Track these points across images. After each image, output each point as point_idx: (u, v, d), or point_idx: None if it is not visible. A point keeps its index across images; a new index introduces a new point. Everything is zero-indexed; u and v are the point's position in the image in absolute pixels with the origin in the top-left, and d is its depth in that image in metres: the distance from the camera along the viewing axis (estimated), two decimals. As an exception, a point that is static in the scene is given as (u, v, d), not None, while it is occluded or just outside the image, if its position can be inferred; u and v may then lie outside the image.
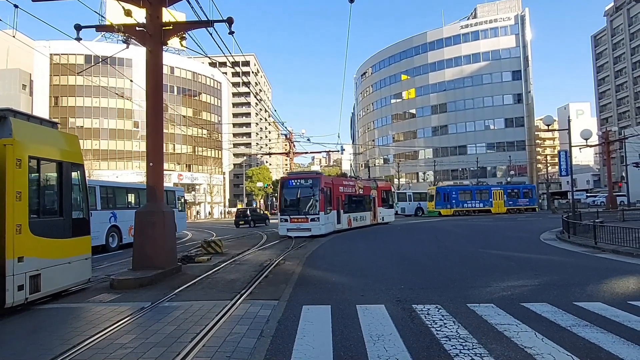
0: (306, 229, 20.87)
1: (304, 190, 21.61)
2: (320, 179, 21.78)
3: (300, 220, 21.12)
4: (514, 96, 68.59)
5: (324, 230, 21.18)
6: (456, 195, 44.15)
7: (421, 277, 9.68)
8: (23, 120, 7.53)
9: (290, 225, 21.21)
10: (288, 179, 22.80)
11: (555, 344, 4.82)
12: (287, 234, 21.13)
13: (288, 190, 22.14)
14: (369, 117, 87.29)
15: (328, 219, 21.87)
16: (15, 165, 6.90)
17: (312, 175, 23.22)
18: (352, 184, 26.73)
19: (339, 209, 23.68)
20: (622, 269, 10.06)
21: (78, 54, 61.93)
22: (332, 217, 22.67)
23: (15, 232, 6.82)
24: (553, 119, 22.33)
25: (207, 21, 10.99)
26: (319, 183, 21.41)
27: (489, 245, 16.22)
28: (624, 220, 21.77)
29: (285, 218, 21.58)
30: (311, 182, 21.64)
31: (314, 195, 21.34)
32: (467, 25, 72.31)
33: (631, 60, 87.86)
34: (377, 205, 29.94)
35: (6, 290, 6.62)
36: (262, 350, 4.84)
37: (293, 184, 22.03)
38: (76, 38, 11.05)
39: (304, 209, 21.40)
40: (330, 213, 22.34)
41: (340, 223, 23.80)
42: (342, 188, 24.68)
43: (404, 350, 4.72)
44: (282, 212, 21.93)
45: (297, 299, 7.45)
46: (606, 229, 14.81)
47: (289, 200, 22.12)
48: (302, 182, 21.84)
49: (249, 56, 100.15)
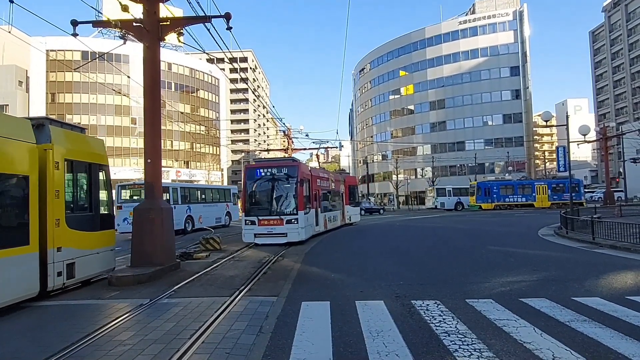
0: (280, 234, 16.05)
1: (277, 182, 16.66)
2: (297, 167, 16.85)
3: (272, 222, 16.13)
4: (512, 92, 68.56)
5: (304, 235, 16.46)
6: (497, 190, 45.12)
7: (420, 273, 9.70)
8: (57, 127, 8.43)
9: (258, 229, 16.21)
10: (255, 167, 17.40)
11: (554, 338, 4.84)
12: (254, 241, 16.19)
13: (255, 182, 17.01)
14: (367, 114, 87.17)
15: (307, 221, 17.10)
16: (54, 167, 7.94)
17: (288, 162, 17.68)
18: (327, 176, 22.45)
19: (317, 208, 19.27)
20: (619, 264, 10.09)
21: (75, 50, 61.64)
22: (312, 218, 18.11)
23: (55, 225, 7.84)
24: (551, 115, 22.31)
25: (204, 17, 10.92)
26: (296, 173, 16.57)
27: (487, 241, 16.25)
28: (622, 216, 21.84)
29: (252, 220, 16.34)
30: (286, 171, 16.68)
31: (291, 189, 16.49)
32: (465, 21, 72.11)
33: (629, 56, 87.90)
34: (345, 203, 25.82)
35: (48, 276, 7.68)
36: (262, 347, 4.84)
37: (262, 174, 16.86)
38: (73, 34, 10.97)
39: (277, 207, 16.50)
40: (310, 212, 17.67)
41: (319, 225, 19.48)
42: (320, 181, 20.33)
43: (403, 346, 4.73)
44: (247, 212, 16.74)
45: (296, 295, 7.45)
46: (604, 224, 14.86)
47: (257, 196, 17.14)
48: (274, 171, 16.72)
49: (246, 52, 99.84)
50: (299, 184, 16.31)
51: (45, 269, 7.62)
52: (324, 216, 20.67)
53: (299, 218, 16.16)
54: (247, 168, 17.68)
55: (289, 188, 16.55)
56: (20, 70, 66.38)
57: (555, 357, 4.30)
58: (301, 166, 17.42)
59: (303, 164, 18.82)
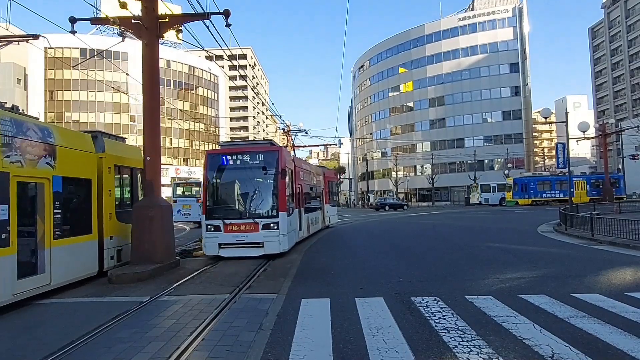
0: (255, 243, 11.89)
1: (251, 174, 12.56)
2: (278, 154, 12.60)
3: (243, 228, 11.96)
4: (512, 89, 68.49)
5: (286, 244, 12.25)
6: (534, 186, 45.35)
7: (419, 269, 9.72)
8: (107, 138, 10.62)
9: (224, 237, 11.95)
10: (220, 153, 13.00)
11: (554, 335, 4.85)
12: (219, 254, 11.97)
13: (221, 173, 12.73)
14: (366, 111, 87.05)
15: (291, 225, 13.09)
16: (107, 171, 10.04)
17: (265, 147, 13.23)
18: (309, 168, 18.75)
19: (300, 208, 15.34)
20: (618, 261, 10.12)
21: (73, 47, 61.35)
22: (295, 222, 14.24)
23: (108, 218, 10.00)
24: (550, 111, 22.28)
25: (203, 14, 10.89)
26: (277, 161, 12.36)
27: (486, 237, 16.27)
28: (621, 212, 21.87)
29: (216, 224, 11.99)
30: (264, 158, 12.42)
31: (270, 182, 12.38)
32: (464, 17, 71.96)
33: (628, 52, 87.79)
34: (324, 202, 21.88)
35: (104, 259, 9.83)
36: (262, 344, 4.85)
37: (230, 162, 12.58)
38: (71, 31, 10.94)
39: (250, 207, 12.38)
40: (293, 214, 13.77)
41: (302, 229, 15.53)
42: (303, 174, 16.45)
43: (403, 343, 4.74)
44: (208, 213, 12.29)
45: (296, 293, 7.46)
46: (603, 221, 14.88)
47: (223, 193, 12.99)
48: (246, 159, 12.53)
49: (245, 49, 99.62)
50: (280, 175, 12.14)
51: (102, 253, 9.72)
52: (307, 218, 16.64)
53: (281, 222, 11.89)
54: (209, 154, 12.80)
55: (267, 181, 12.37)
56: (18, 68, 66.16)
57: (554, 353, 4.32)
58: (283, 153, 13.00)
59: (285, 149, 14.90)
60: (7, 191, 6.88)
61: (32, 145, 7.61)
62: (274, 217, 12.00)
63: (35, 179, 7.75)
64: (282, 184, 12.25)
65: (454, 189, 68.96)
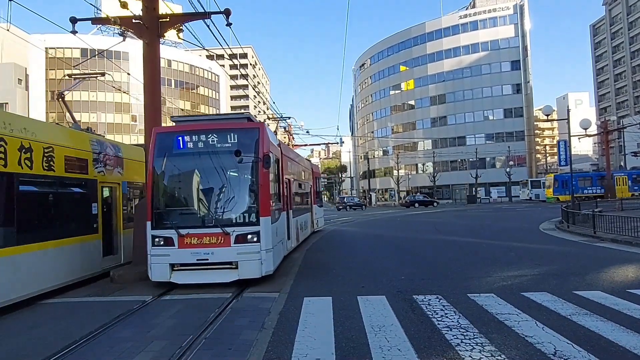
0: (225, 264, 8.31)
1: (219, 161, 8.67)
2: (259, 132, 8.93)
3: (208, 241, 8.27)
4: (513, 86, 68.33)
5: (271, 263, 8.59)
6: (575, 182, 44.79)
7: (421, 268, 9.71)
8: None
9: (179, 254, 8.26)
10: (174, 133, 9.05)
11: (556, 332, 4.85)
12: (171, 280, 8.26)
13: (175, 161, 8.92)
14: (367, 109, 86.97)
15: (277, 235, 9.50)
16: None
17: (239, 123, 9.75)
18: (297, 159, 15.30)
19: (288, 210, 11.71)
20: (621, 258, 10.10)
21: (74, 47, 61.50)
22: (282, 229, 10.51)
23: None
24: (552, 109, 22.27)
25: (204, 13, 10.88)
26: (256, 143, 8.79)
27: (488, 235, 16.26)
28: (623, 210, 21.82)
29: (167, 236, 8.35)
30: (238, 139, 8.81)
31: (247, 174, 8.78)
32: (465, 15, 71.78)
33: (630, 49, 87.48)
34: (313, 202, 18.21)
35: None
36: (264, 343, 4.86)
37: (188, 145, 8.84)
38: (72, 31, 10.93)
39: (217, 210, 8.64)
40: (280, 219, 10.16)
41: (291, 238, 11.93)
42: (292, 166, 13.20)
43: (405, 341, 4.74)
44: (156, 220, 8.53)
45: (298, 291, 7.47)
46: (605, 218, 14.85)
47: (177, 189, 9.21)
48: (212, 140, 8.78)
49: (246, 48, 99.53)
50: (262, 164, 8.39)
51: None
52: (296, 223, 13.27)
53: (263, 232, 8.28)
54: (158, 133, 8.89)
55: (242, 173, 8.72)
56: (20, 68, 66.26)
57: (557, 350, 4.31)
58: (265, 132, 9.00)
59: (269, 128, 9.97)
60: (96, 193, 9.48)
61: (110, 159, 10.28)
62: (252, 225, 8.20)
63: (112, 184, 10.36)
64: (264, 177, 8.42)
65: (455, 187, 68.91)
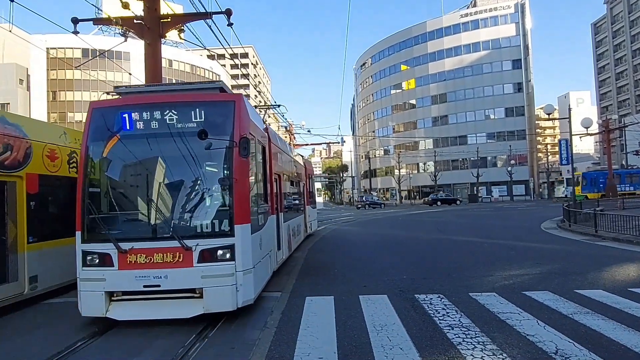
0: (183, 292, 5.82)
1: (177, 146, 6.15)
2: (234, 107, 6.36)
3: (160, 259, 5.75)
4: (514, 85, 68.24)
5: (251, 288, 6.08)
6: (604, 180, 44.51)
7: (422, 267, 9.73)
8: None
9: (120, 277, 5.75)
10: (119, 108, 6.39)
11: (557, 331, 4.87)
12: (107, 315, 5.68)
13: (117, 148, 6.28)
14: (368, 108, 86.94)
15: (261, 247, 7.01)
16: None
17: (207, 94, 6.94)
18: (288, 151, 13.13)
19: (278, 212, 9.47)
20: (622, 257, 10.10)
21: (75, 47, 61.56)
22: (270, 238, 8.18)
23: None
24: (553, 107, 22.25)
25: (205, 13, 10.90)
26: (231, 121, 6.27)
27: (490, 234, 16.26)
28: (624, 209, 21.80)
29: (103, 252, 5.83)
30: (205, 115, 6.26)
31: (216, 164, 6.36)
32: (466, 14, 71.68)
33: (631, 47, 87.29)
34: (306, 203, 16.20)
35: None
36: (267, 342, 4.88)
37: (136, 125, 6.24)
38: (73, 31, 10.95)
39: (174, 215, 6.08)
40: (267, 225, 7.69)
41: (281, 248, 9.66)
42: (282, 158, 10.92)
43: (407, 340, 4.76)
44: (88, 228, 5.99)
45: (300, 291, 7.49)
46: (606, 217, 14.85)
47: (120, 187, 6.46)
48: (168, 117, 6.23)
49: (247, 48, 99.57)
50: (238, 150, 6.09)
51: None
52: (288, 228, 10.91)
53: (240, 245, 6.00)
54: (96, 108, 6.64)
55: (210, 164, 6.46)
56: (21, 69, 66.37)
57: (558, 349, 4.33)
58: (243, 108, 6.60)
59: (248, 103, 7.23)
60: None
61: None
62: (224, 236, 5.91)
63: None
64: (241, 169, 6.14)
65: (456, 186, 68.86)
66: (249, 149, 6.13)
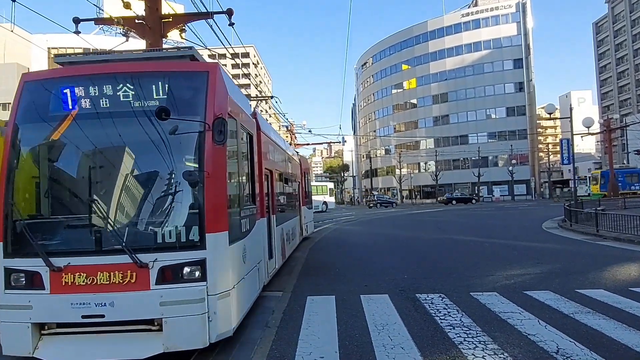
0: (136, 323, 4.34)
1: (136, 130, 4.70)
2: (207, 79, 4.87)
3: (106, 279, 4.34)
4: (516, 85, 68.16)
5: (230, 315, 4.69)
6: (622, 178, 44.24)
7: (424, 266, 9.74)
8: None
9: (53, 304, 4.32)
10: (58, 81, 4.98)
11: (558, 330, 4.88)
12: (35, 355, 4.25)
13: (56, 133, 4.81)
14: (369, 108, 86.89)
15: (245, 259, 5.52)
16: None
17: (174, 65, 5.17)
18: (282, 144, 11.63)
19: (270, 214, 8.20)
20: (623, 256, 10.10)
21: (76, 47, 61.52)
22: (257, 247, 6.52)
23: None
24: (555, 107, 22.20)
25: (206, 13, 10.91)
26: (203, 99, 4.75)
27: (491, 234, 16.25)
28: (625, 208, 21.78)
29: (32, 270, 4.42)
30: (168, 88, 4.81)
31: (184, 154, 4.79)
32: (468, 13, 71.59)
33: (632, 47, 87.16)
34: (302, 203, 14.92)
35: None
36: (268, 341, 4.90)
37: (81, 102, 4.79)
38: (75, 31, 10.97)
39: (122, 221, 4.67)
40: (254, 231, 6.16)
41: (273, 256, 8.25)
42: (274, 151, 9.63)
43: (408, 339, 4.77)
44: (14, 238, 4.54)
45: (302, 290, 7.50)
46: (608, 216, 14.84)
47: (58, 184, 4.99)
48: (125, 91, 4.78)
49: (248, 47, 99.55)
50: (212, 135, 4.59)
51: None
52: (281, 232, 9.63)
53: (213, 259, 4.50)
54: (27, 82, 5.26)
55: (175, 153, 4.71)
56: (22, 69, 66.38)
57: (559, 348, 4.34)
58: (219, 81, 5.00)
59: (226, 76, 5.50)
60: None
61: None
62: (191, 248, 4.54)
63: None
64: (214, 159, 4.71)
65: (457, 186, 68.79)
66: (225, 134, 4.59)
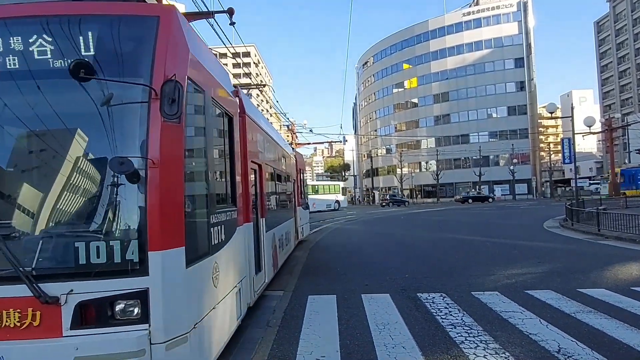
0: None
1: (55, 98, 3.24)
2: (157, 25, 3.31)
3: None
4: (517, 84, 68.02)
5: None
6: None
7: (425, 265, 9.73)
8: None
9: None
10: None
11: (560, 330, 4.87)
12: None
13: None
14: (370, 107, 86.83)
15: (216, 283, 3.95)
16: None
17: (107, 6, 3.45)
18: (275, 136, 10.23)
19: (259, 217, 6.76)
20: (625, 256, 10.08)
21: (78, 47, 61.63)
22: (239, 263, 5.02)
23: None
24: (556, 106, 22.17)
25: (207, 12, 10.88)
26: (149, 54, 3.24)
27: (492, 233, 16.24)
28: (627, 207, 21.75)
29: None
30: (102, 38, 3.27)
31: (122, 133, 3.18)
32: (469, 12, 71.47)
33: (634, 46, 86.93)
34: (297, 204, 13.65)
35: None
36: (269, 340, 4.90)
37: None
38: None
39: (28, 234, 3.10)
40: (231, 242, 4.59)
41: (262, 269, 6.80)
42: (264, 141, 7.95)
43: (410, 338, 4.77)
44: None
45: (303, 289, 7.51)
46: (609, 216, 14.81)
47: None
48: (41, 43, 3.18)
49: (249, 47, 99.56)
50: (161, 103, 3.00)
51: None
52: (273, 238, 8.20)
53: (158, 289, 3.02)
54: None
55: (105, 134, 3.17)
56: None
57: (561, 348, 4.34)
58: (175, 29, 3.44)
59: (186, 25, 3.72)
60: None
61: None
62: (126, 274, 3.00)
63: None
64: (165, 140, 3.13)
65: (459, 185, 68.76)
66: (180, 105, 3.06)
